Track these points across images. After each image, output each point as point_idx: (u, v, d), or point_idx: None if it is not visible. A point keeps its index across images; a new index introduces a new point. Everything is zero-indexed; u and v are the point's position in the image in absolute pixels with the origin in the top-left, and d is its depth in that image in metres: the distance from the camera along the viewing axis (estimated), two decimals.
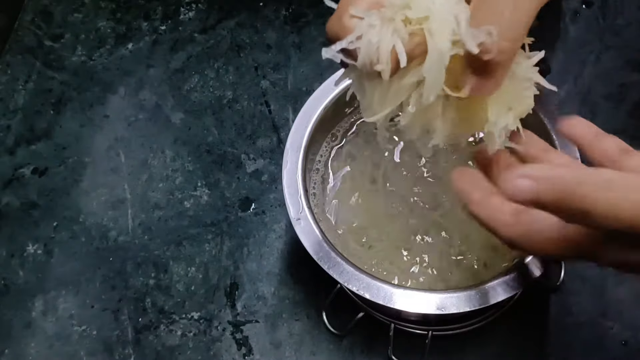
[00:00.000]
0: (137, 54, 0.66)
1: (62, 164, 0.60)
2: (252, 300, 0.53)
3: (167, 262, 0.55)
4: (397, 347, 0.49)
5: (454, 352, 0.50)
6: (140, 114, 0.62)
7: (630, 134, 0.58)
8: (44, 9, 0.69)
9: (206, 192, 0.58)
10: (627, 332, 0.50)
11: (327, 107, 0.48)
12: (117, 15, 0.68)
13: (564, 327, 0.51)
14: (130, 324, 0.53)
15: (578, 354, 0.50)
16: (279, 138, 0.60)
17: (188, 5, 0.68)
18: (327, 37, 0.34)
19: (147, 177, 0.59)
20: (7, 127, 0.62)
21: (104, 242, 0.56)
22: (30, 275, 0.55)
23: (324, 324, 0.51)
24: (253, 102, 0.62)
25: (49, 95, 0.64)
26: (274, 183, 0.58)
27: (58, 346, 0.52)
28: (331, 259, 0.42)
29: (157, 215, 0.57)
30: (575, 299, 0.51)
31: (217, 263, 0.55)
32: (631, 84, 0.60)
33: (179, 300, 0.54)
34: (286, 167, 0.46)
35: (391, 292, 0.41)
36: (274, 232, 0.56)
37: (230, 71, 0.64)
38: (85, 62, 0.66)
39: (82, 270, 0.55)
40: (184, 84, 0.64)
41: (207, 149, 0.60)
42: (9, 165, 0.60)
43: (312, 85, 0.62)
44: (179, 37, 0.66)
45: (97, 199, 0.58)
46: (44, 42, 0.67)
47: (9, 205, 0.59)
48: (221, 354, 0.52)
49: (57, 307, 0.54)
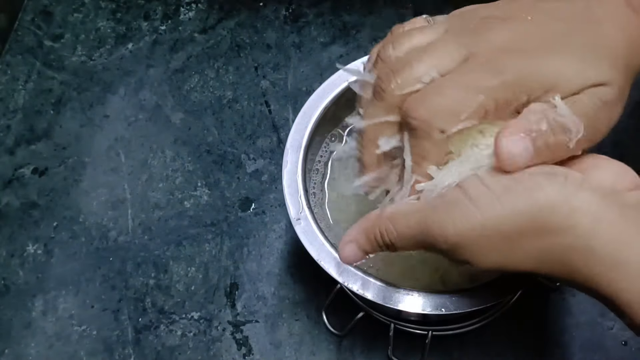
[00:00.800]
0: (137, 54, 0.66)
1: (62, 164, 0.60)
2: (252, 300, 0.53)
3: (167, 262, 0.55)
4: (397, 347, 0.49)
5: (454, 352, 0.50)
6: (140, 114, 0.62)
7: (630, 134, 0.58)
8: (44, 9, 0.69)
9: (206, 192, 0.58)
10: (627, 332, 0.50)
11: (327, 107, 0.48)
12: (117, 15, 0.68)
13: (564, 327, 0.51)
14: (130, 324, 0.53)
15: (578, 354, 0.50)
16: (279, 138, 0.60)
17: (188, 5, 0.68)
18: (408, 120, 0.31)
19: (147, 177, 0.59)
20: (7, 127, 0.62)
21: (104, 242, 0.56)
22: (30, 275, 0.55)
23: (324, 324, 0.51)
24: (253, 102, 0.62)
25: (49, 95, 0.64)
26: (274, 183, 0.58)
27: (58, 346, 0.52)
28: (331, 259, 0.42)
29: (157, 215, 0.57)
30: (575, 299, 0.51)
31: (217, 263, 0.55)
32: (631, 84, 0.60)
33: (179, 300, 0.54)
34: (286, 167, 0.46)
35: (391, 292, 0.41)
36: (274, 232, 0.56)
37: (230, 71, 0.64)
38: (85, 62, 0.66)
39: (82, 270, 0.55)
40: (184, 84, 0.64)
41: (207, 149, 0.60)
42: (9, 165, 0.60)
43: (312, 85, 0.62)
44: (179, 37, 0.66)
45: (97, 199, 0.58)
46: (44, 42, 0.67)
47: (9, 205, 0.59)
48: (221, 354, 0.52)
49: (57, 307, 0.54)
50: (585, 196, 0.28)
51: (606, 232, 0.28)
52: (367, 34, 0.66)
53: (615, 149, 0.57)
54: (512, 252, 0.29)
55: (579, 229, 0.28)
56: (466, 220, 0.29)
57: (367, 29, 0.66)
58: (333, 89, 0.48)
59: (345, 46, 0.65)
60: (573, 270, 0.29)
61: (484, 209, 0.29)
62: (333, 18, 0.67)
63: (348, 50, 0.65)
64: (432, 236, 0.30)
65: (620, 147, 0.57)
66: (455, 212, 0.29)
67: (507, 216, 0.28)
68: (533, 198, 0.28)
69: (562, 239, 0.28)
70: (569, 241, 0.28)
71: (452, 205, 0.29)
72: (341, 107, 0.50)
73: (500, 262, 0.30)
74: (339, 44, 0.65)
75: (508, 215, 0.28)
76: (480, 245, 0.29)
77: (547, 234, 0.28)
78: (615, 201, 0.29)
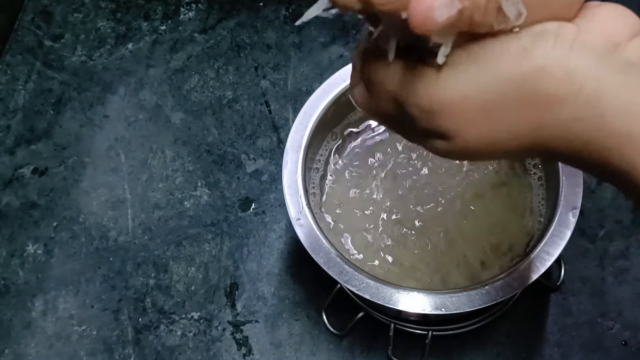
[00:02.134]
0: (137, 54, 0.66)
1: (62, 164, 0.60)
2: (252, 300, 0.53)
3: (167, 262, 0.55)
4: (397, 347, 0.49)
5: (454, 352, 0.50)
6: (140, 114, 0.62)
7: None
8: (44, 9, 0.69)
9: (206, 192, 0.58)
10: (627, 332, 0.50)
11: (327, 107, 0.48)
12: (117, 15, 0.68)
13: (564, 327, 0.51)
14: (130, 324, 0.53)
15: (578, 354, 0.50)
16: (279, 138, 0.60)
17: (188, 5, 0.68)
18: None
19: (147, 177, 0.59)
20: (7, 127, 0.62)
21: (104, 242, 0.56)
22: (30, 275, 0.55)
23: (324, 324, 0.51)
24: (253, 102, 0.62)
25: (49, 95, 0.64)
26: (274, 183, 0.58)
27: (58, 346, 0.52)
28: (331, 259, 0.42)
29: (157, 215, 0.57)
30: (575, 299, 0.51)
31: (217, 263, 0.55)
32: None
33: (179, 300, 0.54)
34: (286, 167, 0.46)
35: (391, 292, 0.41)
36: (274, 232, 0.56)
37: (230, 71, 0.64)
38: (85, 62, 0.66)
39: (82, 270, 0.55)
40: (184, 84, 0.64)
41: (207, 149, 0.60)
42: (9, 165, 0.60)
43: (312, 85, 0.62)
44: (179, 37, 0.66)
45: (97, 199, 0.58)
46: (44, 42, 0.67)
47: (9, 205, 0.59)
48: (221, 354, 0.52)
49: (57, 307, 0.54)
50: (582, 57, 0.24)
51: (614, 98, 0.24)
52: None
53: None
54: (499, 125, 0.26)
55: (582, 95, 0.24)
56: (442, 86, 0.25)
57: (367, 29, 0.66)
58: (333, 89, 0.48)
59: (345, 46, 0.65)
60: (577, 146, 0.25)
61: (461, 71, 0.25)
62: (333, 18, 0.67)
63: (348, 50, 0.65)
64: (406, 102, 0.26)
65: None
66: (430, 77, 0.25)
67: (488, 82, 0.25)
68: (516, 64, 0.24)
69: (562, 109, 0.25)
70: (571, 111, 0.24)
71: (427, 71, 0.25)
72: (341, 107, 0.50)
73: (486, 137, 0.26)
74: (339, 44, 0.65)
75: (490, 81, 0.25)
76: (460, 114, 0.25)
77: (541, 104, 0.25)
78: (617, 60, 0.25)
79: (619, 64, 0.25)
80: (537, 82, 0.24)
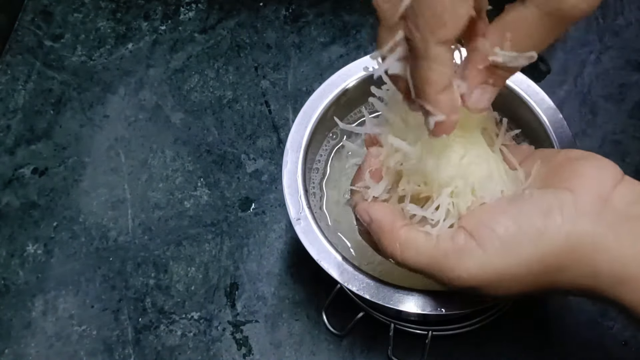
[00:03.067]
0: (137, 54, 0.66)
1: (62, 164, 0.60)
2: (252, 300, 0.53)
3: (167, 262, 0.55)
4: (397, 347, 0.49)
5: (454, 352, 0.50)
6: (140, 114, 0.62)
7: (630, 134, 0.58)
8: (44, 9, 0.69)
9: (206, 192, 0.58)
10: (627, 332, 0.50)
11: (327, 107, 0.48)
12: (117, 15, 0.68)
13: (564, 327, 0.51)
14: (130, 324, 0.53)
15: (578, 354, 0.50)
16: (279, 138, 0.60)
17: (188, 5, 0.68)
18: None
19: (147, 177, 0.59)
20: (7, 127, 0.62)
21: (103, 242, 0.56)
22: (30, 275, 0.55)
23: (324, 324, 0.51)
24: (253, 102, 0.62)
25: (49, 95, 0.64)
26: (274, 183, 0.58)
27: (58, 346, 0.52)
28: (331, 259, 0.42)
29: (157, 215, 0.57)
30: (575, 299, 0.51)
31: (217, 263, 0.55)
32: (631, 84, 0.60)
33: (179, 300, 0.54)
34: (286, 167, 0.46)
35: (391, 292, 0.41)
36: (274, 232, 0.56)
37: (230, 71, 0.64)
38: (85, 62, 0.66)
39: (82, 270, 0.55)
40: (184, 84, 0.64)
41: (207, 149, 0.60)
42: (9, 165, 0.60)
43: (312, 85, 0.62)
44: (179, 37, 0.66)
45: (97, 199, 0.58)
46: (44, 42, 0.67)
47: (9, 205, 0.59)
48: (221, 354, 0.52)
49: (57, 307, 0.54)
50: (582, 226, 0.30)
51: (606, 253, 0.30)
52: (367, 34, 0.66)
53: (615, 148, 0.57)
54: (525, 286, 0.32)
55: (583, 260, 0.30)
56: (479, 267, 0.31)
57: (367, 29, 0.66)
58: (333, 89, 0.48)
59: (345, 46, 0.65)
60: (583, 291, 0.32)
61: (493, 255, 0.31)
62: (333, 18, 0.67)
63: (348, 50, 0.65)
64: (445, 277, 0.32)
65: (620, 146, 0.57)
66: (468, 260, 0.31)
67: (517, 263, 0.31)
68: (536, 246, 0.30)
69: (569, 272, 0.31)
70: (575, 273, 0.31)
71: (464, 253, 0.31)
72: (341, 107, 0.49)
73: (515, 293, 0.32)
74: (339, 44, 0.65)
75: (518, 262, 0.31)
76: (494, 284, 0.32)
77: (555, 270, 0.31)
78: (607, 215, 0.30)
79: (610, 219, 0.30)
80: (555, 255, 0.30)
